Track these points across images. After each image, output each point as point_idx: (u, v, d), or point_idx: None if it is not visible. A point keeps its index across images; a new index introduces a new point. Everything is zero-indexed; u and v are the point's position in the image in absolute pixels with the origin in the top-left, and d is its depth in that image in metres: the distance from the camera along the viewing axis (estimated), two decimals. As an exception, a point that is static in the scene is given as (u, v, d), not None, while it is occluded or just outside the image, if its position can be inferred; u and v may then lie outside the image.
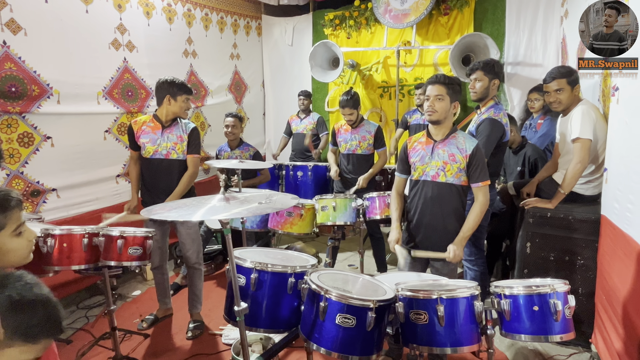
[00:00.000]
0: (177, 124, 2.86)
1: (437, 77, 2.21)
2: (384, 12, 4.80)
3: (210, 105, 4.94)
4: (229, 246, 1.54)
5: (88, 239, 2.27)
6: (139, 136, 2.80)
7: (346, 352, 1.57)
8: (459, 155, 2.18)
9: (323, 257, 3.47)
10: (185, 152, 2.84)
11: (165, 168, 2.81)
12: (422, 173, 2.27)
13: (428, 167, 2.24)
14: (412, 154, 2.32)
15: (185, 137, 2.84)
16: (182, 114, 2.85)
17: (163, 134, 2.80)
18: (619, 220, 2.12)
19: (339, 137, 3.63)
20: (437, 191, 2.23)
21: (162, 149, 2.79)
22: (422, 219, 2.29)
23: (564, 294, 1.64)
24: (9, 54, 2.92)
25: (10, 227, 1.17)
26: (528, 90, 3.82)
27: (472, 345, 1.60)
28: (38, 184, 3.16)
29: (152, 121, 2.83)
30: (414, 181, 2.33)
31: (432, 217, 2.25)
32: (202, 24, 4.77)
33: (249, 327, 1.78)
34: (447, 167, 2.20)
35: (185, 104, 2.83)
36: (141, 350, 2.76)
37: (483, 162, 2.19)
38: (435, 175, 2.23)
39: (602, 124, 2.49)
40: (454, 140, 2.21)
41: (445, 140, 2.22)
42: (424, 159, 2.26)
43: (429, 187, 2.25)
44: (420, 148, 2.29)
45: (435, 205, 2.24)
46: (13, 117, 2.99)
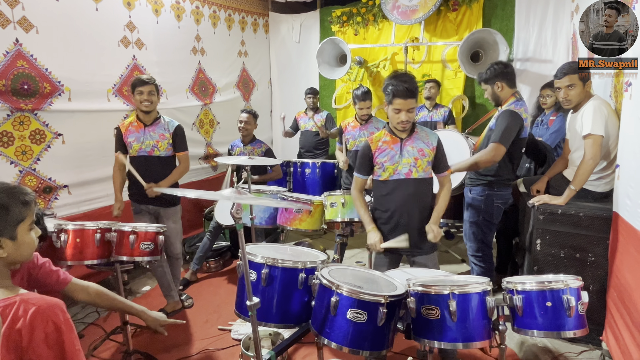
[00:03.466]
0: (159, 122, 2.95)
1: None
2: (391, 8, 4.78)
3: (219, 102, 4.96)
4: (242, 241, 1.55)
5: (100, 234, 2.30)
6: (127, 136, 2.93)
7: (357, 347, 1.59)
8: (426, 149, 2.24)
9: (330, 253, 3.47)
10: (168, 149, 2.96)
11: (150, 164, 2.94)
12: (394, 172, 2.25)
13: (400, 166, 2.23)
14: (378, 154, 2.27)
15: (167, 135, 2.95)
16: (141, 107, 2.86)
17: (145, 132, 2.92)
18: (631, 217, 2.10)
19: (347, 134, 3.63)
20: (413, 188, 2.24)
21: (145, 146, 2.91)
22: (400, 219, 2.26)
23: (577, 289, 1.63)
24: (22, 51, 2.96)
25: (28, 220, 1.22)
26: (537, 87, 3.79)
27: (483, 340, 1.60)
28: (50, 180, 3.20)
29: (135, 121, 2.95)
30: (382, 182, 2.29)
31: (411, 216, 2.25)
32: (210, 21, 4.79)
33: (260, 322, 1.79)
34: (418, 163, 2.23)
35: (140, 96, 2.84)
36: (151, 344, 2.79)
37: (444, 151, 2.29)
38: (408, 172, 2.24)
39: (614, 120, 2.46)
40: (418, 136, 2.25)
41: (411, 137, 2.24)
42: (393, 158, 2.24)
43: (406, 184, 2.24)
44: (387, 147, 2.26)
45: (414, 203, 2.25)
46: (25, 114, 3.02)
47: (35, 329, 1.06)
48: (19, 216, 1.19)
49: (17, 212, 1.18)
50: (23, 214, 1.20)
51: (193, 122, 4.62)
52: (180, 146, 3.01)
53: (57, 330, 1.09)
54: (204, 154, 4.79)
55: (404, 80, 2.10)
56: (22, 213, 1.20)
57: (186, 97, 4.50)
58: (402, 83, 2.09)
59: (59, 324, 1.09)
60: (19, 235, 1.20)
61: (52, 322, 1.08)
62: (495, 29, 4.32)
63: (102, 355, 2.67)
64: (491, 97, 2.87)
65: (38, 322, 1.06)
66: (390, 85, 2.13)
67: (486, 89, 2.88)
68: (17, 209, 1.18)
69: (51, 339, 1.07)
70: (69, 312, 3.31)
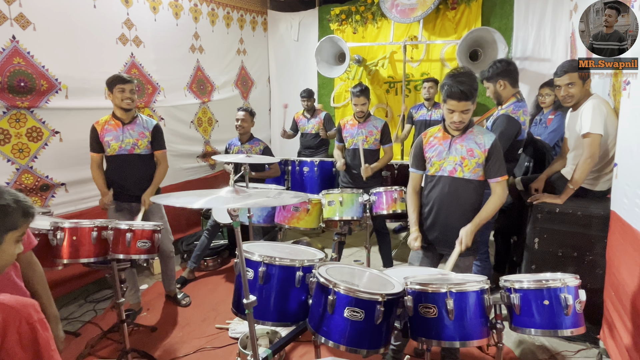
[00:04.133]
0: (137, 120, 2.94)
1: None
2: (390, 6, 4.77)
3: (217, 100, 4.95)
4: (238, 239, 1.54)
5: (97, 232, 2.29)
6: (103, 135, 2.88)
7: (354, 345, 1.58)
8: (477, 150, 2.13)
9: (328, 252, 3.47)
10: (148, 147, 2.96)
11: (131, 163, 2.92)
12: (439, 168, 2.22)
13: (445, 163, 2.20)
14: (428, 149, 2.25)
15: (147, 134, 2.94)
16: (122, 104, 2.83)
17: (124, 130, 2.89)
18: (629, 215, 2.10)
19: (345, 133, 3.62)
20: (454, 187, 2.18)
21: (125, 144, 2.89)
22: (438, 217, 2.24)
23: (574, 288, 1.63)
24: (18, 48, 2.94)
25: (19, 232, 1.22)
26: (536, 85, 3.79)
27: (481, 339, 1.60)
28: (47, 178, 3.19)
29: (112, 119, 2.91)
30: (429, 177, 2.28)
31: (449, 215, 2.21)
32: (209, 19, 4.77)
33: (257, 320, 1.79)
34: (465, 162, 2.15)
35: (122, 93, 2.81)
36: (148, 343, 2.78)
37: (501, 156, 2.15)
38: (452, 170, 2.18)
39: (612, 119, 2.46)
40: (471, 135, 2.16)
41: (463, 135, 2.17)
42: (441, 154, 2.20)
43: (446, 182, 2.20)
44: (436, 143, 2.23)
45: (452, 202, 2.19)
46: (22, 112, 3.01)
47: (8, 329, 1.02)
48: (14, 224, 1.18)
49: (15, 220, 1.18)
50: (19, 223, 1.19)
51: (191, 121, 4.61)
52: (159, 144, 3.00)
53: (32, 329, 1.06)
54: (202, 152, 4.78)
55: (460, 81, 2.00)
56: (18, 222, 1.19)
57: (184, 95, 4.49)
58: (458, 85, 1.99)
59: (33, 324, 1.06)
60: (4, 242, 1.18)
61: (26, 322, 1.05)
62: (494, 27, 4.32)
63: (99, 353, 2.66)
64: (493, 96, 2.84)
65: (10, 323, 1.03)
66: (446, 85, 2.06)
67: (488, 87, 2.85)
68: (16, 217, 1.18)
69: (25, 340, 1.04)
70: (66, 310, 3.29)
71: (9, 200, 1.16)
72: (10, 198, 1.17)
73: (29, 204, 1.23)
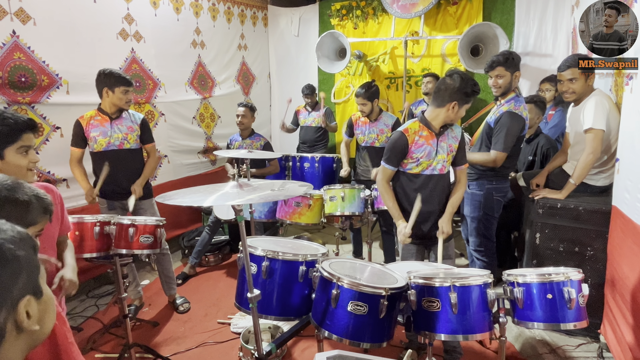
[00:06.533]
0: (124, 115, 2.90)
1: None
2: (391, 1, 4.75)
3: (218, 96, 4.93)
4: (243, 234, 1.54)
5: (100, 228, 2.29)
6: (89, 131, 2.82)
7: (357, 339, 1.59)
8: (454, 144, 2.29)
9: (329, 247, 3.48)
10: (137, 141, 2.93)
11: (121, 158, 2.87)
12: (427, 167, 2.25)
13: (435, 162, 2.24)
14: (415, 149, 2.23)
15: (135, 127, 2.92)
16: (123, 106, 2.84)
17: (112, 125, 2.85)
18: (630, 210, 2.10)
19: (357, 129, 3.58)
20: (440, 182, 2.29)
21: (114, 140, 2.85)
22: (428, 211, 2.28)
23: (577, 282, 1.64)
24: (19, 43, 2.93)
25: (38, 227, 1.22)
26: (537, 81, 3.78)
27: (484, 332, 1.61)
28: (49, 174, 3.19)
29: (98, 115, 2.85)
30: (412, 175, 2.28)
31: (436, 207, 2.30)
32: (210, 14, 4.75)
33: (260, 314, 1.79)
34: (448, 158, 2.30)
35: (125, 95, 2.80)
36: (151, 338, 2.79)
37: (464, 145, 2.36)
38: (442, 168, 2.27)
39: (615, 114, 2.46)
40: (448, 132, 2.28)
41: (444, 133, 2.27)
42: (430, 154, 2.23)
43: (436, 180, 2.27)
44: (424, 143, 2.23)
45: (439, 195, 2.30)
46: (22, 107, 3.00)
47: None
48: (34, 220, 1.18)
49: (35, 216, 1.18)
50: (38, 219, 1.19)
51: (193, 116, 4.60)
52: (148, 138, 2.98)
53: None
54: (204, 148, 4.77)
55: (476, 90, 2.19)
56: (37, 218, 1.19)
57: (185, 91, 4.47)
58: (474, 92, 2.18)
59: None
60: None
61: None
62: (495, 22, 4.30)
63: (101, 348, 2.67)
64: (503, 86, 2.72)
65: None
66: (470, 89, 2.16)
67: (503, 75, 2.70)
68: (36, 213, 1.18)
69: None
70: (68, 306, 3.30)
71: (30, 196, 1.16)
72: (31, 194, 1.16)
73: (49, 201, 1.22)
